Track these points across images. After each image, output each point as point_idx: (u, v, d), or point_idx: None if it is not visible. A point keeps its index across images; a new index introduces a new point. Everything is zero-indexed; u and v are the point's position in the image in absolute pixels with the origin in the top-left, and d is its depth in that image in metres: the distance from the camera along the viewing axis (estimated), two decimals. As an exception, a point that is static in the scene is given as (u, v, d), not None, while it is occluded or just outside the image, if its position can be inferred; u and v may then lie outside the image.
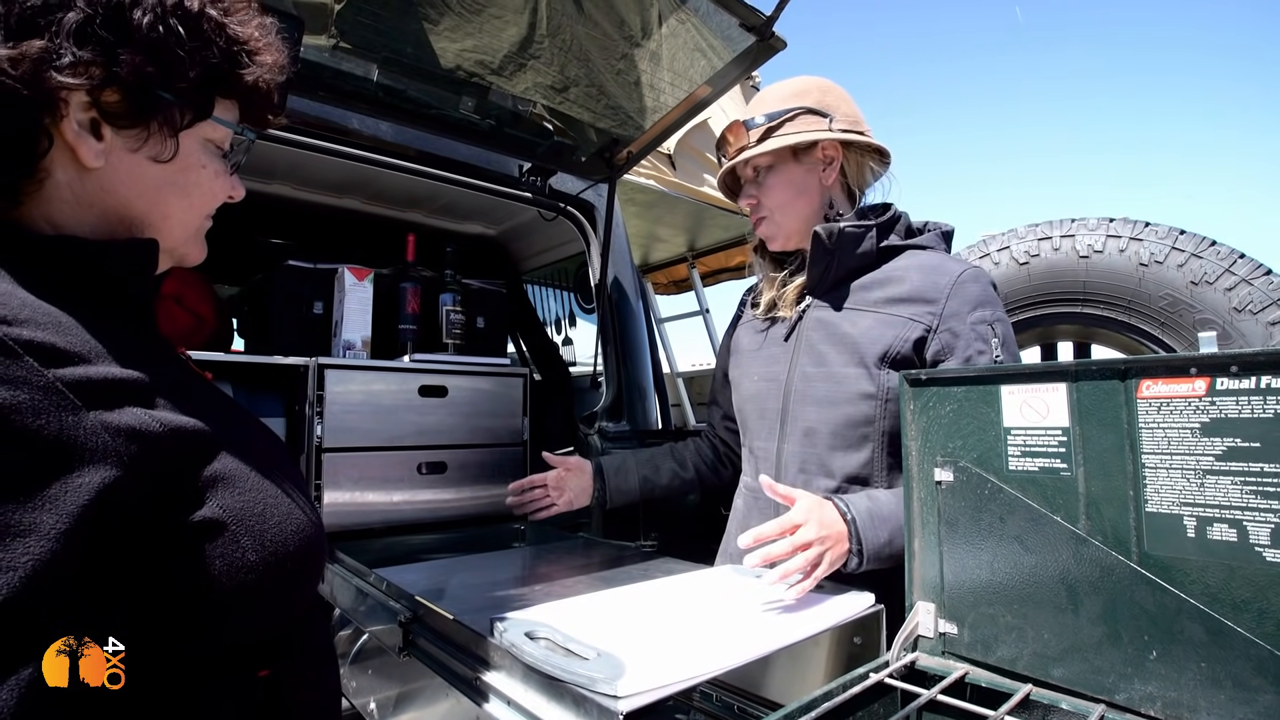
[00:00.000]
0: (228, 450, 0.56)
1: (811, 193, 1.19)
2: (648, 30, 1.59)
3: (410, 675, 0.98)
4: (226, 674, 0.55)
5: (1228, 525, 0.60)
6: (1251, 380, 0.60)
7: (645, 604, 0.95)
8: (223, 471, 0.55)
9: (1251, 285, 1.48)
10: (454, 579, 1.17)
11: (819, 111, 1.17)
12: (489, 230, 2.41)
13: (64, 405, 0.45)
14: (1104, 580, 0.67)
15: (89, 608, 0.47)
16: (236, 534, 0.53)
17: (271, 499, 0.57)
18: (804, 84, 1.20)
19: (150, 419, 0.50)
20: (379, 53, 1.55)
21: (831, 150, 1.17)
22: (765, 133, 1.17)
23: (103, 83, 0.54)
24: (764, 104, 1.20)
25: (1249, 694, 0.57)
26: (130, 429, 0.48)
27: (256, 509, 0.55)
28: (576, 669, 0.66)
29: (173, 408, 0.53)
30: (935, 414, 0.82)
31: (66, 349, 0.48)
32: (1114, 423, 0.68)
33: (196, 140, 0.63)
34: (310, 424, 1.54)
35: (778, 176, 1.18)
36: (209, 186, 0.65)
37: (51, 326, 0.48)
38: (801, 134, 1.15)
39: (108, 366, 0.50)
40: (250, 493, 0.56)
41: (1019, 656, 0.74)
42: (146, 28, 0.55)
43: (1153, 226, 1.65)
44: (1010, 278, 1.85)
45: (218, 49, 0.60)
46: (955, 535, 0.80)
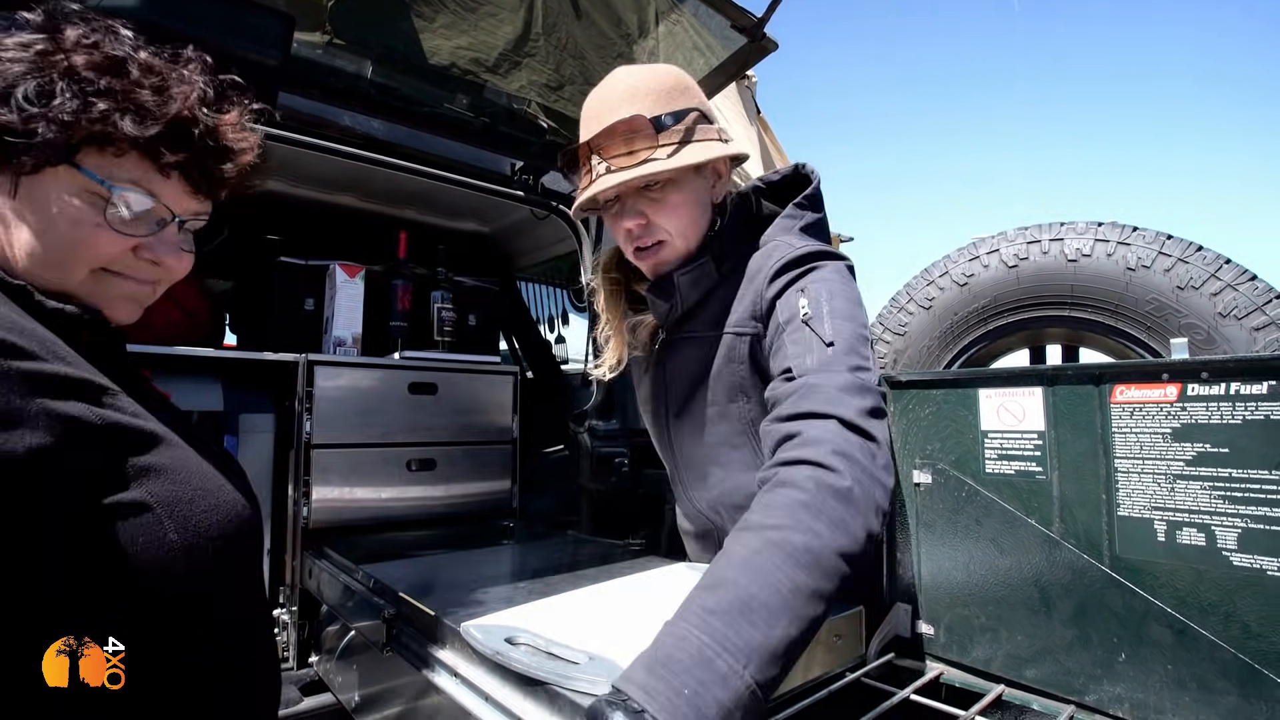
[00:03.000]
0: (164, 448, 0.62)
1: (707, 211, 1.01)
2: (645, 29, 1.60)
3: (393, 671, 0.99)
4: (158, 662, 0.60)
5: (1196, 529, 0.61)
6: (1221, 387, 0.60)
7: (625, 602, 0.95)
8: (155, 464, 0.61)
9: (1236, 291, 1.49)
10: (440, 576, 1.17)
11: (707, 115, 0.99)
12: (482, 228, 2.41)
13: (13, 390, 0.52)
14: (1076, 583, 0.68)
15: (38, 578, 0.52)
16: (160, 516, 0.59)
17: (201, 490, 0.63)
18: (680, 79, 0.98)
19: (90, 412, 0.57)
20: (372, 49, 1.55)
21: (723, 164, 1.01)
22: (681, 138, 0.94)
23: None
24: (649, 98, 0.94)
25: (1213, 696, 0.58)
26: (69, 416, 0.55)
27: (185, 496, 0.61)
28: (553, 669, 0.67)
29: (116, 409, 0.60)
30: (914, 416, 0.83)
31: (24, 347, 0.54)
32: (1088, 427, 0.69)
33: (58, 186, 0.63)
34: (300, 420, 1.55)
35: (681, 194, 0.97)
36: (66, 232, 0.63)
37: (15, 331, 0.55)
38: (711, 144, 0.96)
39: (59, 366, 0.56)
40: (180, 484, 0.62)
41: (993, 657, 0.75)
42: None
43: (1140, 231, 1.66)
44: (1000, 281, 1.86)
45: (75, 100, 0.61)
46: (933, 537, 0.81)
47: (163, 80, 0.66)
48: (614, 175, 0.93)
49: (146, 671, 0.58)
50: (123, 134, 0.62)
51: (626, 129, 0.92)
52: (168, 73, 0.67)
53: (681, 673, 0.53)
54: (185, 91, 0.67)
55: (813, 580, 0.60)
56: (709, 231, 1.01)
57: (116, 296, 0.69)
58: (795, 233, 1.00)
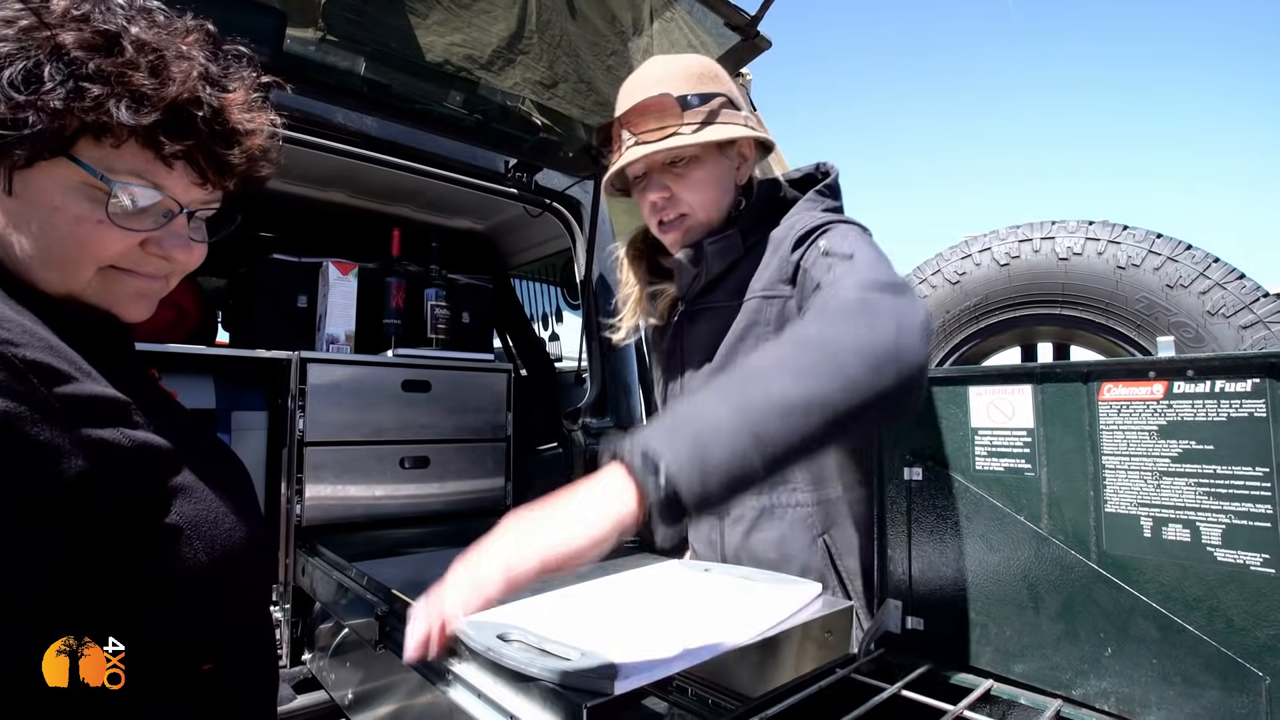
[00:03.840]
0: (189, 465, 0.62)
1: (729, 190, 1.07)
2: (639, 27, 1.60)
3: (386, 668, 0.99)
4: (173, 667, 0.60)
5: (1182, 525, 0.62)
6: (1207, 384, 0.61)
7: (618, 599, 0.96)
8: (183, 484, 0.60)
9: (1224, 289, 1.50)
10: (433, 573, 1.17)
11: (734, 101, 1.05)
12: (476, 225, 2.41)
13: (53, 418, 0.51)
14: (1064, 579, 0.69)
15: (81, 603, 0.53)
16: (191, 538, 0.59)
17: (223, 510, 0.63)
18: (709, 66, 1.06)
19: (123, 436, 0.56)
20: (366, 46, 1.55)
21: (748, 147, 1.07)
22: (705, 118, 1.01)
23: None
24: (677, 79, 1.02)
25: (1197, 690, 0.59)
26: (105, 443, 0.54)
27: (210, 517, 0.61)
28: (545, 665, 0.67)
29: (146, 426, 0.59)
30: (906, 414, 0.84)
31: (60, 369, 0.53)
32: (1076, 424, 0.69)
33: (55, 181, 0.58)
34: (293, 417, 1.54)
35: (705, 171, 1.03)
36: (68, 232, 0.59)
37: (45, 348, 0.53)
38: (734, 126, 1.02)
39: (94, 385, 0.55)
40: (205, 503, 0.61)
41: (982, 653, 0.75)
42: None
43: (1131, 230, 1.67)
44: (991, 278, 1.87)
45: (65, 85, 0.55)
46: (923, 534, 0.82)
47: (160, 58, 0.59)
48: (640, 148, 1.01)
49: (148, 675, 0.58)
50: (119, 123, 0.57)
51: (655, 106, 1.00)
52: (165, 48, 0.60)
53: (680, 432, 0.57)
54: (186, 70, 0.60)
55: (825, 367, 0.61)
56: (732, 211, 1.07)
57: (127, 295, 0.65)
58: (818, 212, 1.04)
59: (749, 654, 0.94)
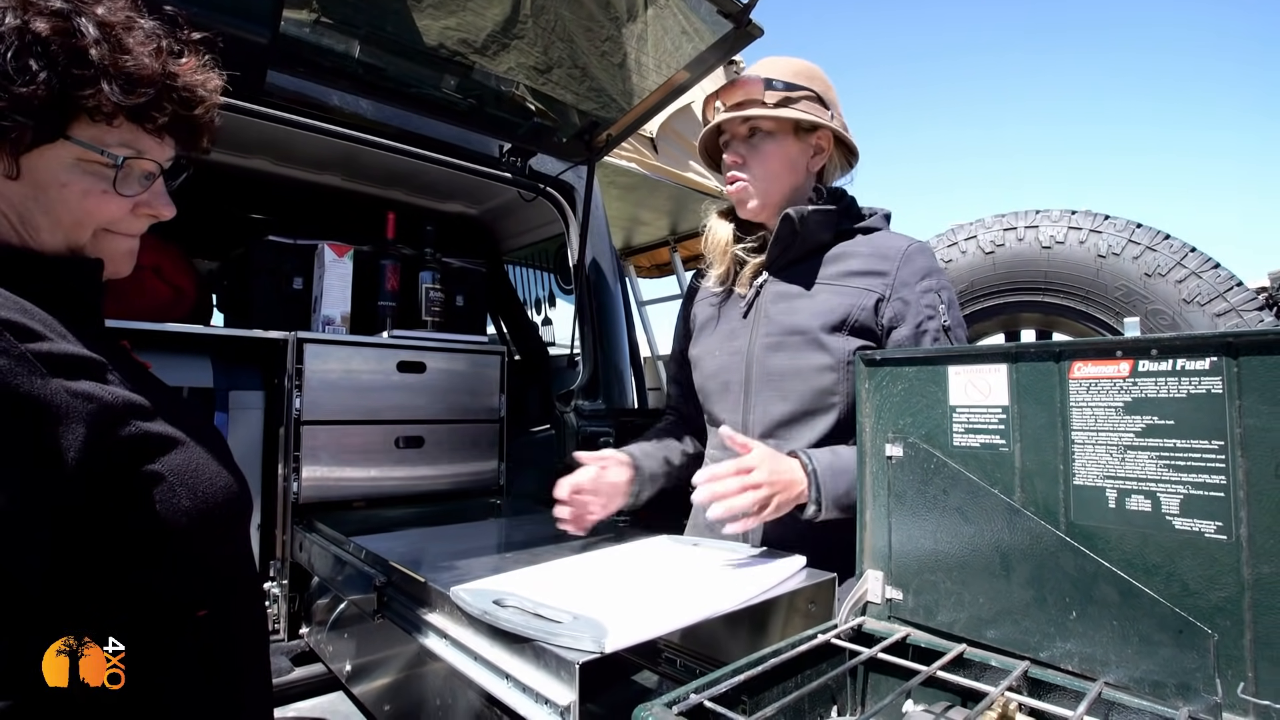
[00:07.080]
0: (166, 419, 0.66)
1: (798, 172, 1.20)
2: (633, 13, 1.61)
3: (385, 637, 1.02)
4: (170, 614, 0.65)
5: (1144, 496, 0.66)
6: (1169, 362, 0.65)
7: (608, 569, 0.99)
8: (162, 433, 0.65)
9: (1200, 278, 1.54)
10: (429, 548, 1.20)
11: (824, 101, 1.19)
12: (470, 209, 2.42)
13: (34, 371, 0.54)
14: (1034, 548, 0.72)
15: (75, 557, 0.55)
16: (173, 484, 0.64)
17: (202, 459, 0.68)
18: (810, 68, 1.21)
19: (103, 390, 0.60)
20: (361, 29, 1.55)
21: (826, 140, 1.20)
22: (782, 100, 1.17)
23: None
24: (775, 70, 1.19)
25: (1152, 648, 0.63)
26: (86, 394, 0.58)
27: (190, 466, 0.66)
28: (539, 627, 0.70)
29: (121, 385, 0.63)
30: (888, 392, 0.87)
31: (32, 328, 0.57)
32: (1048, 401, 0.73)
33: (57, 160, 0.64)
34: (289, 397, 1.56)
35: (776, 145, 1.18)
36: (77, 205, 0.66)
37: (18, 309, 0.58)
38: (813, 114, 1.17)
39: (66, 344, 0.60)
40: (185, 453, 0.66)
41: (957, 620, 0.79)
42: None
43: (1112, 219, 1.71)
44: (976, 266, 1.90)
45: (63, 72, 0.61)
46: (903, 507, 0.85)
47: (133, 37, 0.66)
48: (724, 114, 1.20)
49: (148, 625, 0.61)
50: (111, 103, 0.63)
51: (743, 84, 1.19)
52: (132, 27, 0.66)
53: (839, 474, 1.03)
54: (154, 49, 0.67)
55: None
56: (792, 193, 1.21)
57: (119, 253, 0.72)
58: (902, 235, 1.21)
59: (736, 625, 0.98)
